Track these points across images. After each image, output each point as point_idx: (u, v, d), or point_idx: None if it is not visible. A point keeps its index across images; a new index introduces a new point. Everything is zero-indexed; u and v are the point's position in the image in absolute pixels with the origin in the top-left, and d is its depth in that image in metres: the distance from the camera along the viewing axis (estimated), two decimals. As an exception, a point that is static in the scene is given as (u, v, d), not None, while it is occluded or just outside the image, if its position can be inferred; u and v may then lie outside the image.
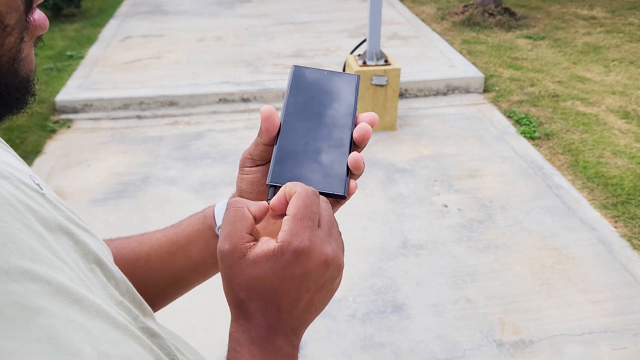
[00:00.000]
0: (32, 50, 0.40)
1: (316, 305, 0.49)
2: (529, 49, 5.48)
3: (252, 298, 0.47)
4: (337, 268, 0.48)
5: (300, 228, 0.45)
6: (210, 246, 0.63)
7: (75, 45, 5.71)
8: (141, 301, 0.53)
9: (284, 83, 4.56)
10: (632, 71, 4.88)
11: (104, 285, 0.44)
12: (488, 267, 2.62)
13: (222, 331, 2.28)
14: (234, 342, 0.48)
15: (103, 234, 0.59)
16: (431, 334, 2.26)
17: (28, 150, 3.73)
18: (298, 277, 0.45)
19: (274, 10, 6.87)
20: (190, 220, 0.65)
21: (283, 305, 0.47)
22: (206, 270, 0.66)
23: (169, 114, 4.31)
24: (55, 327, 0.31)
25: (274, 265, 0.45)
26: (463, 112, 4.25)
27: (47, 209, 0.43)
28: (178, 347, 0.56)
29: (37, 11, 0.39)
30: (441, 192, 3.21)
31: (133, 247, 0.64)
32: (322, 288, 0.48)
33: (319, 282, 0.47)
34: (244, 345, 0.47)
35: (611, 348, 2.18)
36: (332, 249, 0.47)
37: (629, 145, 3.65)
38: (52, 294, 0.33)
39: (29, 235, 0.36)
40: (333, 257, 0.46)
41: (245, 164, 0.57)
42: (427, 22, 6.35)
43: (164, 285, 0.58)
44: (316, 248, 0.45)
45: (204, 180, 3.37)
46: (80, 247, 0.43)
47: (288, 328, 0.48)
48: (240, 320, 0.48)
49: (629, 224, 2.89)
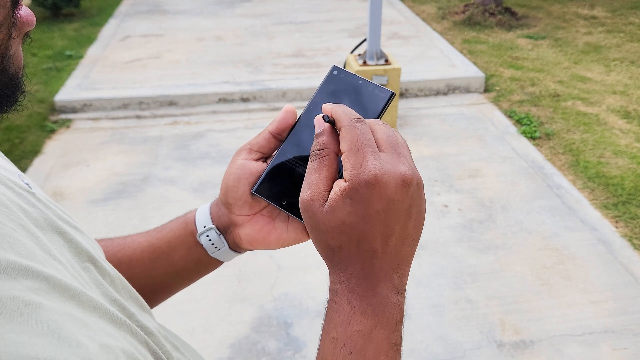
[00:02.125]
0: (20, 47, 0.40)
1: (412, 235, 0.45)
2: (530, 48, 5.47)
3: (343, 245, 0.44)
4: (417, 186, 0.45)
5: (361, 159, 0.43)
6: (192, 252, 0.61)
7: (74, 45, 5.70)
8: (138, 297, 0.52)
9: (284, 83, 4.56)
10: (633, 71, 4.87)
11: (99, 283, 0.43)
12: (488, 268, 2.61)
13: (221, 332, 2.27)
14: (332, 293, 0.45)
15: (102, 234, 0.58)
16: (431, 335, 2.25)
17: (27, 150, 3.72)
18: (381, 209, 0.43)
19: (274, 9, 6.87)
20: (172, 225, 0.63)
21: (376, 246, 0.44)
22: (189, 276, 0.64)
23: (169, 113, 4.31)
24: (56, 321, 0.31)
25: (352, 205, 0.43)
26: (463, 112, 4.24)
27: (39, 207, 0.42)
28: (176, 345, 0.55)
29: (24, 7, 0.39)
30: (441, 192, 3.20)
31: (115, 251, 0.62)
32: (411, 214, 0.44)
33: (404, 207, 0.43)
34: (342, 295, 0.44)
35: (612, 348, 2.18)
36: (406, 166, 0.44)
37: (629, 145, 3.64)
38: (50, 290, 0.33)
39: (22, 234, 0.36)
40: (411, 175, 0.43)
41: (241, 154, 0.56)
42: (427, 21, 6.34)
43: (147, 291, 0.57)
44: (387, 171, 0.43)
45: (204, 180, 3.36)
46: (72, 246, 0.43)
47: (388, 270, 0.45)
48: (336, 272, 0.46)
49: (629, 224, 2.88)
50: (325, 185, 0.45)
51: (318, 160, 0.46)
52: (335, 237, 0.44)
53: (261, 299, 2.44)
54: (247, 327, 2.30)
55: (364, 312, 0.43)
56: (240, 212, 0.58)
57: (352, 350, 0.42)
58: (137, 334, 0.40)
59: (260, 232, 0.58)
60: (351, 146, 0.44)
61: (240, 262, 2.54)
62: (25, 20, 0.39)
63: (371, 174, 0.42)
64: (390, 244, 0.44)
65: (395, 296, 0.45)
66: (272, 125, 0.55)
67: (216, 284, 2.48)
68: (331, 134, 0.47)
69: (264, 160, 0.56)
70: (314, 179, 0.46)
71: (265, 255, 2.67)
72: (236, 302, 2.42)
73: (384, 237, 0.44)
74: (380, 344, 0.43)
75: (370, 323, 0.43)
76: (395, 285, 0.45)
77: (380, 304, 0.44)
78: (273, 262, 2.64)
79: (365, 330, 0.43)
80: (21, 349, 0.28)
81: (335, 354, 0.43)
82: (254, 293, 2.47)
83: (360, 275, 0.44)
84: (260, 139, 0.55)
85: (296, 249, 0.51)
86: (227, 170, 0.56)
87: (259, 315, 2.35)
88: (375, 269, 0.44)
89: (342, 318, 0.44)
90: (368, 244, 0.44)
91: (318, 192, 0.45)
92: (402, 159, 0.45)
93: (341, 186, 0.44)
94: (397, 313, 0.45)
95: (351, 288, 0.44)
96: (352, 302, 0.44)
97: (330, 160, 0.46)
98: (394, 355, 0.44)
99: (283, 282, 2.52)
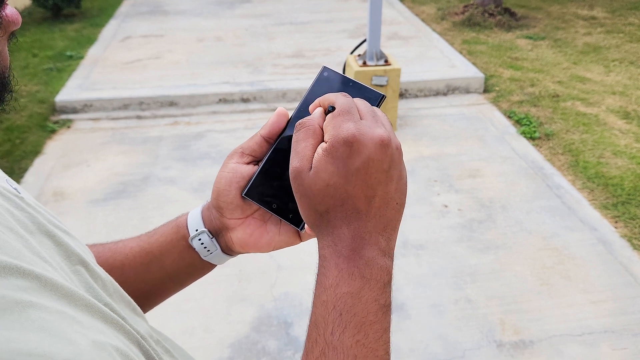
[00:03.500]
0: (6, 46, 0.40)
1: (395, 198, 0.47)
2: (529, 49, 5.48)
3: (329, 207, 0.46)
4: (397, 149, 0.47)
5: (342, 121, 0.46)
6: (184, 256, 0.61)
7: (75, 46, 5.70)
8: (130, 301, 0.52)
9: (284, 83, 4.56)
10: (632, 71, 4.88)
11: (90, 286, 0.43)
12: (488, 268, 2.61)
13: (221, 332, 2.28)
14: (321, 259, 0.47)
15: (102, 234, 0.59)
16: (431, 334, 2.26)
17: (28, 151, 3.72)
18: (361, 167, 0.45)
19: (274, 10, 6.87)
20: (164, 229, 0.62)
21: (359, 205, 0.45)
22: (182, 280, 0.65)
23: (169, 114, 4.31)
24: (47, 319, 0.31)
25: (334, 164, 0.45)
26: (463, 112, 4.24)
27: (27, 211, 0.42)
28: (168, 348, 0.55)
29: (9, 7, 0.39)
30: (441, 192, 3.20)
31: (107, 256, 0.62)
32: (392, 176, 0.46)
33: (383, 167, 0.45)
34: (330, 259, 0.46)
35: (611, 348, 2.18)
36: (384, 129, 0.46)
37: (629, 146, 3.64)
38: (41, 289, 0.33)
39: (10, 236, 0.36)
40: (387, 136, 0.46)
41: (233, 158, 0.56)
42: (427, 22, 6.34)
43: (139, 296, 0.57)
44: (365, 131, 0.45)
45: (204, 180, 3.37)
46: (62, 249, 0.43)
47: (374, 232, 0.46)
48: (324, 237, 0.47)
49: (629, 224, 2.89)
50: (311, 152, 0.47)
51: (304, 130, 0.48)
52: (321, 201, 0.46)
53: (261, 298, 2.44)
54: (247, 326, 2.30)
55: (351, 274, 0.45)
56: (231, 216, 0.58)
57: (342, 311, 0.43)
58: (129, 333, 0.41)
59: (252, 236, 0.58)
60: (334, 112, 0.47)
61: (240, 261, 2.55)
62: (11, 19, 0.39)
63: (349, 133, 0.45)
64: (373, 205, 0.46)
65: (382, 259, 0.46)
66: (264, 129, 0.55)
67: (216, 284, 2.48)
68: (319, 114, 0.50)
69: (256, 163, 0.56)
70: (300, 147, 0.47)
71: (265, 255, 2.68)
72: (236, 301, 2.43)
73: (367, 197, 0.45)
74: (368, 305, 0.44)
75: (358, 284, 0.44)
76: (381, 248, 0.46)
77: (367, 265, 0.45)
78: (273, 261, 2.64)
79: (353, 291, 0.44)
80: (12, 345, 0.28)
81: (327, 317, 0.44)
82: (254, 293, 2.47)
83: (346, 238, 0.45)
84: (253, 143, 0.56)
85: (296, 248, 0.51)
86: (219, 174, 0.56)
87: (259, 314, 2.36)
88: (361, 231, 0.45)
89: (330, 281, 0.45)
90: (352, 203, 0.45)
91: (306, 158, 0.47)
92: (380, 124, 0.47)
93: (323, 146, 0.46)
94: (385, 275, 0.46)
95: (338, 251, 0.45)
96: (340, 265, 0.45)
97: (315, 129, 0.48)
98: (383, 316, 0.45)
99: (283, 281, 2.53)
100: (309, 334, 0.45)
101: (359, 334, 0.43)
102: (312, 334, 0.45)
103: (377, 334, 0.44)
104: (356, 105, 0.48)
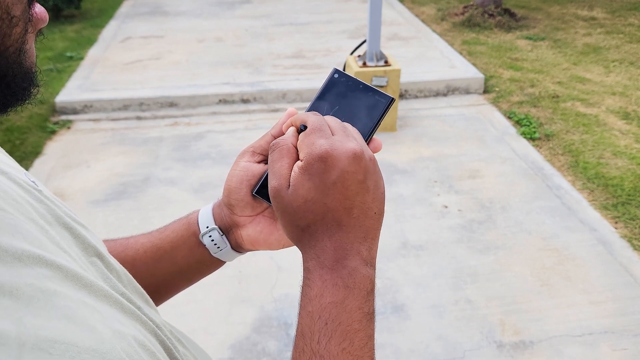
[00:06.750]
0: (34, 43, 0.41)
1: (373, 208, 0.48)
2: (529, 49, 5.48)
3: (310, 222, 0.47)
4: (371, 161, 0.49)
5: (314, 138, 0.47)
6: (194, 252, 0.62)
7: (75, 46, 5.71)
8: (143, 292, 0.53)
9: (284, 84, 4.57)
10: (632, 72, 4.88)
11: (106, 277, 0.44)
12: (488, 268, 2.61)
13: (221, 333, 2.28)
14: (305, 271, 0.48)
15: (103, 235, 0.59)
16: (431, 335, 2.26)
17: (28, 152, 3.73)
18: (337, 180, 0.46)
19: (274, 11, 6.88)
20: (175, 225, 0.64)
21: (339, 217, 0.47)
22: (191, 276, 0.66)
23: (169, 114, 4.31)
24: (71, 307, 0.32)
25: (310, 180, 0.46)
26: (463, 112, 4.25)
27: (46, 204, 0.43)
28: (181, 340, 0.56)
29: (37, 5, 0.40)
30: (441, 192, 3.21)
31: (119, 251, 0.63)
32: (368, 187, 0.48)
33: (358, 178, 0.47)
34: (314, 271, 0.47)
35: (611, 349, 2.18)
36: (355, 143, 0.48)
37: (629, 146, 3.65)
38: (63, 278, 0.34)
39: (32, 227, 0.37)
40: (360, 148, 0.47)
41: (244, 157, 0.58)
42: (427, 22, 6.35)
43: (150, 291, 0.58)
44: (338, 146, 0.47)
45: (204, 181, 3.37)
46: (79, 241, 0.44)
47: (355, 242, 0.47)
48: (307, 250, 0.48)
49: (629, 224, 2.89)
50: (287, 170, 0.48)
51: (278, 150, 0.50)
52: (302, 217, 0.47)
53: (262, 299, 2.44)
54: (248, 327, 2.30)
55: (335, 284, 0.46)
56: (242, 213, 0.59)
57: (328, 321, 0.45)
58: (146, 324, 0.42)
59: (261, 233, 0.59)
60: (306, 131, 0.49)
61: (240, 263, 2.55)
62: (40, 17, 0.40)
63: (323, 149, 0.46)
64: (353, 216, 0.47)
65: (364, 268, 0.47)
66: (274, 128, 0.56)
67: (217, 285, 2.48)
68: (292, 133, 0.52)
69: (267, 162, 0.57)
70: (276, 167, 0.49)
71: (265, 256, 2.68)
72: (237, 303, 2.43)
73: (345, 209, 0.47)
74: (353, 313, 0.45)
75: (342, 294, 0.45)
76: (363, 258, 0.47)
77: (350, 275, 0.46)
78: (273, 263, 2.65)
79: (338, 301, 0.45)
80: (40, 332, 0.29)
81: (313, 327, 0.45)
82: (254, 294, 2.48)
83: (328, 249, 0.47)
84: (263, 142, 0.57)
85: (296, 250, 0.52)
86: (230, 172, 0.58)
87: (260, 316, 2.36)
88: (343, 242, 0.47)
89: (315, 292, 0.46)
90: (331, 216, 0.47)
91: (283, 177, 0.48)
92: (352, 138, 0.49)
93: (299, 165, 0.48)
94: (368, 283, 0.47)
95: (321, 263, 0.47)
96: (324, 276, 0.46)
97: (289, 148, 0.50)
98: (367, 323, 0.46)
99: (283, 283, 2.53)
100: (296, 344, 0.46)
101: (345, 342, 0.44)
102: (299, 344, 0.46)
103: (362, 341, 0.45)
104: (327, 122, 0.50)
